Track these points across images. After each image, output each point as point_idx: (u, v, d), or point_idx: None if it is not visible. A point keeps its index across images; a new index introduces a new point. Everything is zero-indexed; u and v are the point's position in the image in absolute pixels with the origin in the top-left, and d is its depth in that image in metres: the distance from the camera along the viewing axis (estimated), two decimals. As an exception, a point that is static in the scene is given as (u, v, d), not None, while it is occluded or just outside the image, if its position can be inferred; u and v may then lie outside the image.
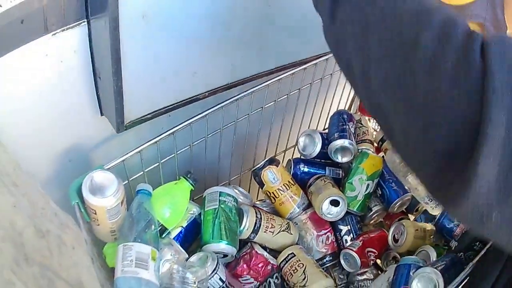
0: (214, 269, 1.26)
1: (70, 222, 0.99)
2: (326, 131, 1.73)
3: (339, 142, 1.58)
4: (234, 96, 1.45)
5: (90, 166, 1.24)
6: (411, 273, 1.29)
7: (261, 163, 1.55)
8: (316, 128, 1.81)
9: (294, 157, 1.76)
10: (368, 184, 1.55)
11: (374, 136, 1.82)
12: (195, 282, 1.19)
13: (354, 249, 1.47)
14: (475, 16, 1.64)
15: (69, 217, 1.02)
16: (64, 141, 1.34)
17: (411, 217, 1.74)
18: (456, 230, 1.47)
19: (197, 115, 1.38)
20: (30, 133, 1.24)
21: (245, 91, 1.48)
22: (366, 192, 1.56)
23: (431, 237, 1.53)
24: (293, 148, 1.82)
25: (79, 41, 1.18)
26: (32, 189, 0.92)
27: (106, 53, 1.13)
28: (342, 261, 1.50)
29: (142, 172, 1.36)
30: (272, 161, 1.55)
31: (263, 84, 1.51)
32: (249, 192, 1.63)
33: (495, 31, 1.66)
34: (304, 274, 1.38)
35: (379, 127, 0.85)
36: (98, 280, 0.97)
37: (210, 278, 1.26)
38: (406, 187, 1.58)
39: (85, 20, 1.15)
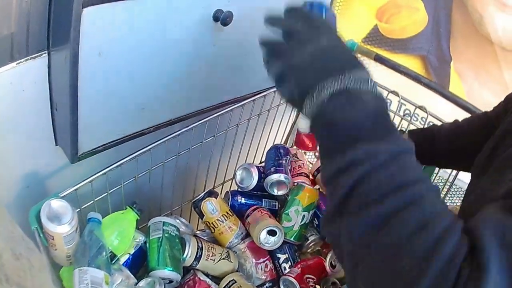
0: (161, 294, 1.39)
1: (34, 246, 1.09)
2: (263, 164, 1.87)
3: (275, 177, 1.72)
4: (176, 132, 1.57)
5: (47, 193, 1.34)
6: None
7: (200, 195, 1.68)
8: (253, 162, 1.96)
9: (232, 189, 1.88)
10: (304, 215, 1.69)
11: (309, 169, 1.97)
12: (143, 306, 1.31)
13: (293, 276, 1.60)
14: (418, 49, 1.77)
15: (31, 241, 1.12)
16: (23, 167, 1.43)
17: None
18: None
19: (142, 148, 1.49)
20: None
21: (187, 127, 1.60)
22: (302, 223, 1.69)
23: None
24: (231, 181, 1.94)
25: (39, 72, 1.27)
26: (1, 215, 1.01)
27: (64, 87, 1.23)
28: (281, 287, 1.63)
29: (92, 201, 1.46)
30: (211, 193, 1.68)
31: (203, 120, 1.64)
32: (190, 222, 1.76)
33: (438, 63, 1.80)
34: (245, 299, 1.52)
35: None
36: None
37: (162, 303, 1.38)
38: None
39: (46, 51, 1.25)
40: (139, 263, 1.52)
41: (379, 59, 1.81)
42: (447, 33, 1.72)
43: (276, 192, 1.75)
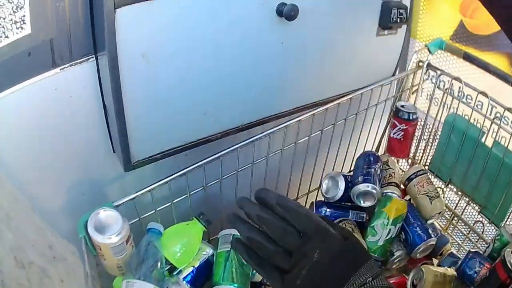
0: (222, 310, 1.32)
1: (68, 255, 1.06)
2: (351, 173, 1.77)
3: (362, 187, 1.61)
4: (250, 138, 1.50)
5: (104, 201, 1.30)
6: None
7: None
8: (341, 170, 1.85)
9: (317, 199, 1.79)
10: (390, 229, 1.58)
11: (401, 178, 1.85)
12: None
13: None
14: (504, 45, 1.65)
15: (70, 248, 1.10)
16: (78, 175, 1.42)
17: (435, 261, 1.75)
18: (476, 277, 1.47)
19: (210, 156, 1.43)
20: (43, 165, 1.33)
21: (262, 133, 1.52)
22: (387, 237, 1.58)
23: (452, 282, 1.53)
24: (316, 191, 1.85)
25: (87, 77, 1.26)
26: (27, 223, 0.99)
27: (109, 90, 1.20)
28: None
29: (154, 211, 1.42)
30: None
31: (281, 126, 1.55)
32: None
33: None
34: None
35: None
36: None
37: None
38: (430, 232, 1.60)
39: (93, 56, 1.24)
40: (204, 277, 1.45)
41: (467, 57, 1.73)
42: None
43: (363, 203, 1.65)
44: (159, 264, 1.27)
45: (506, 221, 1.64)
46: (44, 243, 1.01)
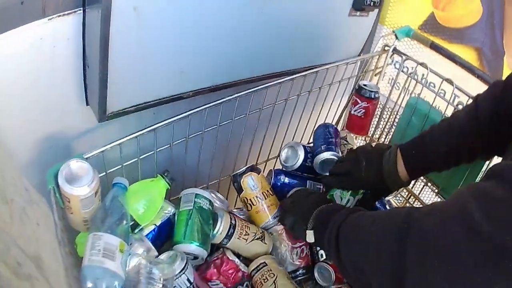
0: (182, 269, 1.31)
1: (41, 202, 1.04)
2: (311, 144, 1.78)
3: (326, 155, 1.64)
4: (218, 100, 1.50)
5: (72, 155, 1.27)
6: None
7: (242, 169, 1.58)
8: (300, 141, 1.85)
9: (275, 168, 1.79)
10: (348, 200, 1.56)
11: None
12: (160, 279, 1.24)
13: (330, 263, 1.50)
14: (474, 39, 1.70)
15: (42, 198, 1.07)
16: (48, 127, 1.39)
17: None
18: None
19: (179, 114, 1.42)
20: (16, 113, 1.30)
21: (230, 96, 1.52)
22: None
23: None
24: (275, 159, 1.87)
25: (73, 29, 1.24)
26: (7, 166, 0.96)
27: (95, 41, 1.18)
28: (316, 274, 1.53)
29: (120, 166, 1.40)
30: (254, 169, 1.59)
31: (248, 91, 1.56)
32: (226, 199, 1.68)
33: (492, 56, 1.71)
34: (275, 284, 1.42)
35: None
36: (62, 264, 1.01)
37: (177, 278, 1.30)
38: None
39: (81, 8, 1.21)
40: (165, 236, 1.44)
41: (434, 47, 1.78)
42: (500, 26, 1.66)
43: (326, 172, 1.65)
44: (124, 220, 1.24)
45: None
46: (21, 185, 0.98)
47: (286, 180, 1.68)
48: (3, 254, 0.77)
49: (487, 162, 1.56)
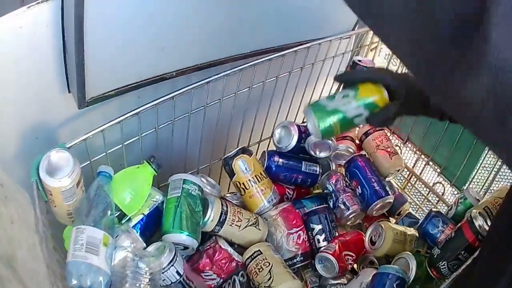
0: (171, 261, 1.25)
1: (20, 197, 0.99)
2: (305, 124, 1.71)
3: (318, 136, 1.57)
4: (205, 79, 1.44)
5: (58, 144, 1.23)
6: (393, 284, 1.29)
7: (233, 152, 1.53)
8: (294, 121, 1.80)
9: (268, 149, 1.74)
10: (351, 104, 1.15)
11: (356, 133, 1.82)
12: (146, 273, 1.19)
13: (331, 252, 1.45)
14: None
15: (23, 192, 1.02)
16: (32, 117, 1.35)
17: (392, 220, 1.73)
18: (440, 236, 1.46)
19: (164, 96, 1.37)
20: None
21: (217, 74, 1.47)
22: (344, 115, 1.15)
23: (412, 242, 1.52)
24: (268, 140, 1.82)
25: (52, 15, 1.18)
26: None
27: (72, 25, 1.13)
28: (317, 266, 1.48)
29: (104, 154, 1.35)
30: (245, 151, 1.53)
31: (236, 68, 1.51)
32: (219, 184, 1.62)
33: None
34: (270, 273, 1.36)
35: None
36: (43, 260, 0.96)
37: (165, 271, 1.25)
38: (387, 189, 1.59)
39: (60, -7, 1.16)
40: (154, 225, 1.38)
41: None
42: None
43: (318, 154, 1.62)
44: (109, 210, 1.19)
45: (469, 184, 1.63)
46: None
47: (280, 161, 1.62)
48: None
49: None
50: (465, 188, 1.62)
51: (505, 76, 0.63)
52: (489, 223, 1.30)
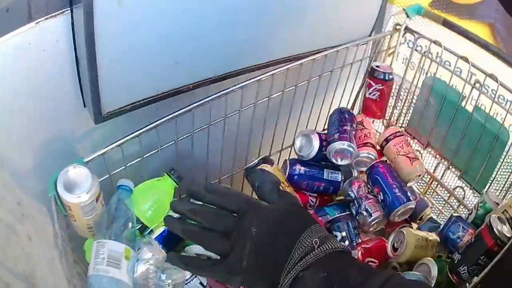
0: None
1: (37, 213, 1.00)
2: (326, 131, 1.72)
3: (338, 144, 1.58)
4: (223, 90, 1.45)
5: (74, 158, 1.25)
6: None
7: (254, 161, 1.55)
8: (315, 129, 1.80)
9: (290, 157, 1.74)
10: None
11: (376, 139, 1.81)
12: (169, 285, 1.20)
13: (355, 259, 1.45)
14: (485, 16, 1.64)
15: (39, 208, 1.04)
16: (48, 132, 1.35)
17: (414, 225, 1.72)
18: (460, 242, 1.45)
19: (182, 108, 1.38)
20: (13, 124, 1.27)
21: (235, 85, 1.48)
22: None
23: (434, 247, 1.51)
24: (289, 149, 1.81)
25: (62, 30, 1.19)
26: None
27: (82, 41, 1.14)
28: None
29: (124, 167, 1.36)
30: (266, 160, 1.55)
31: (254, 79, 1.51)
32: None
33: (505, 32, 1.66)
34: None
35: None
36: (64, 274, 0.98)
37: (188, 282, 1.26)
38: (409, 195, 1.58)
39: (69, 8, 1.17)
40: (176, 237, 1.38)
41: (447, 23, 1.71)
42: (512, 0, 1.62)
43: (339, 161, 1.61)
44: (130, 223, 1.21)
45: (488, 187, 1.62)
46: (12, 199, 0.94)
47: (302, 170, 1.63)
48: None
49: (509, 143, 1.52)
50: (484, 191, 1.60)
51: None
52: (507, 228, 1.29)
